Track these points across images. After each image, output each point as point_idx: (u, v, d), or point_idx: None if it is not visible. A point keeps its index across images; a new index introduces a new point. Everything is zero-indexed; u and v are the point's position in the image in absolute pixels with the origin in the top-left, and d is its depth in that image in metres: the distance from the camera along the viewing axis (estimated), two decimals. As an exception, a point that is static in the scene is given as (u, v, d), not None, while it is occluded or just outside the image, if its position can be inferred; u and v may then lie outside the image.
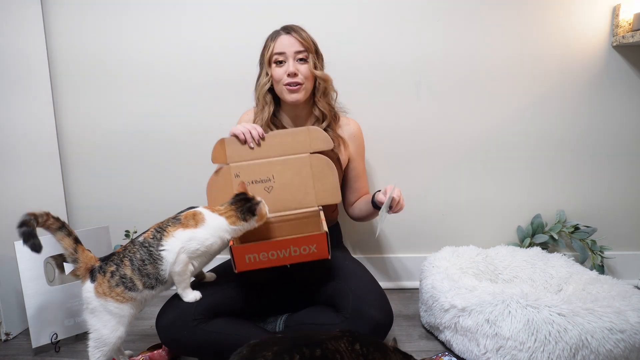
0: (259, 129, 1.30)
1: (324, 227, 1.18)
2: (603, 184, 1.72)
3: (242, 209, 1.18)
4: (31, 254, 1.40)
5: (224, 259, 1.47)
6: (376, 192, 1.36)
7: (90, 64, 1.76)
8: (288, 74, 1.33)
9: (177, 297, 1.22)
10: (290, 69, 1.33)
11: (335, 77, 1.43)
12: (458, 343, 1.30)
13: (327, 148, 1.32)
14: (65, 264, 1.49)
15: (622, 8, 1.56)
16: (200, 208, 1.20)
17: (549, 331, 1.11)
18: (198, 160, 1.34)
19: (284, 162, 1.30)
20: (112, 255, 1.14)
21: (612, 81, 1.64)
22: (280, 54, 1.34)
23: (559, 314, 1.13)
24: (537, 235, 1.71)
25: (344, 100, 1.52)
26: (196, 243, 1.14)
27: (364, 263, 1.43)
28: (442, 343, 1.39)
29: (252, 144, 1.29)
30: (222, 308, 1.22)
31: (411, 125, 1.71)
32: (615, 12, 1.59)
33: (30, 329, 1.40)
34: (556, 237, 1.68)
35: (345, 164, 1.47)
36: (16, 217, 1.36)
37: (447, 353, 1.32)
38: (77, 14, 1.73)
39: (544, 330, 1.11)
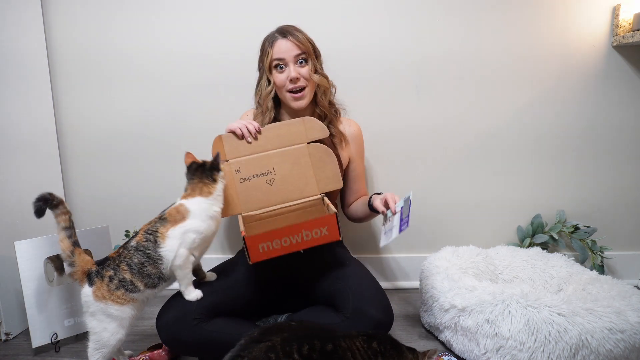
0: (255, 124, 1.31)
1: (332, 209, 1.20)
2: (603, 184, 1.72)
3: (205, 174, 1.19)
4: (31, 254, 1.42)
5: (224, 259, 1.48)
6: (374, 194, 1.36)
7: (91, 61, 1.75)
8: (290, 80, 1.34)
9: (177, 296, 1.22)
10: (292, 75, 1.33)
11: (333, 76, 1.44)
12: (458, 343, 1.30)
13: (323, 136, 1.34)
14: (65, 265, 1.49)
15: (622, 8, 1.56)
16: (178, 200, 1.20)
17: (549, 331, 1.11)
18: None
19: (282, 153, 1.31)
20: (107, 260, 1.14)
21: (612, 81, 1.64)
22: (280, 59, 1.34)
23: (559, 314, 1.13)
24: (537, 235, 1.71)
25: (342, 100, 1.52)
26: (192, 234, 1.14)
27: (364, 263, 1.43)
28: (442, 343, 1.39)
29: (249, 139, 1.30)
30: (223, 307, 1.22)
31: (411, 125, 1.71)
32: (615, 12, 1.59)
33: (30, 329, 1.39)
34: (556, 237, 1.68)
35: (346, 163, 1.47)
36: (16, 217, 1.35)
37: (447, 353, 1.32)
38: (77, 10, 1.72)
39: (544, 330, 1.11)
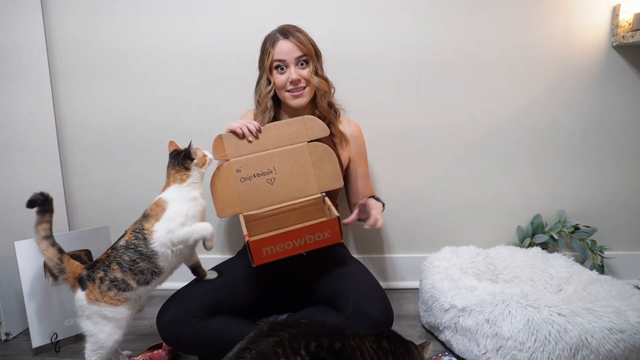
0: (255, 123, 1.31)
1: (335, 212, 1.21)
2: (603, 184, 1.72)
3: (178, 162, 1.21)
4: (31, 253, 1.42)
5: (224, 259, 1.48)
6: (369, 198, 1.38)
7: (91, 59, 1.75)
8: (291, 81, 1.34)
9: (178, 295, 1.23)
10: (292, 76, 1.33)
11: (333, 75, 1.44)
12: (458, 343, 1.30)
13: (323, 135, 1.34)
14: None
15: (622, 8, 1.56)
16: (159, 195, 1.20)
17: (549, 331, 1.11)
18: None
19: (283, 152, 1.31)
20: (97, 262, 1.14)
21: (612, 81, 1.64)
22: (281, 60, 1.34)
23: (559, 314, 1.13)
24: (537, 235, 1.71)
25: (342, 100, 1.51)
26: (178, 217, 1.14)
27: (364, 263, 1.44)
28: (442, 343, 1.39)
29: (250, 138, 1.30)
30: (223, 306, 1.22)
31: (410, 125, 1.71)
32: (615, 12, 1.59)
33: (30, 329, 1.40)
34: (556, 237, 1.68)
35: (346, 163, 1.47)
36: (16, 217, 1.35)
37: (447, 353, 1.32)
38: (77, 7, 1.71)
39: (544, 330, 1.11)
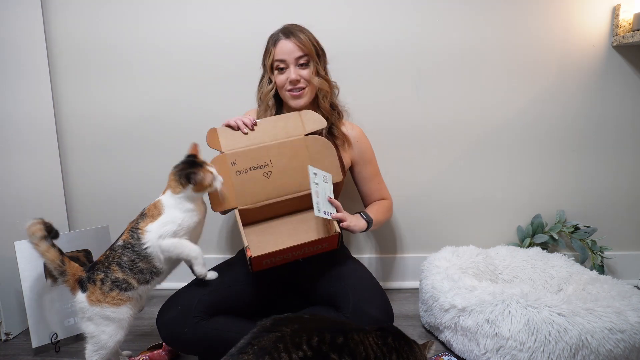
0: (251, 117, 1.30)
1: (337, 227, 1.20)
2: (603, 184, 1.72)
3: (180, 173, 1.15)
4: (31, 254, 1.41)
5: (224, 259, 1.48)
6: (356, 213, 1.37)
7: (91, 55, 1.73)
8: (290, 81, 1.33)
9: (178, 294, 1.23)
10: (292, 77, 1.33)
11: (333, 74, 1.44)
12: (458, 343, 1.30)
13: (321, 127, 1.33)
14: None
15: (622, 8, 1.56)
16: (159, 197, 1.19)
17: (549, 331, 1.11)
18: (201, 155, 1.34)
19: (280, 145, 1.28)
20: (96, 264, 1.14)
21: (612, 81, 1.64)
22: (281, 60, 1.33)
23: (559, 314, 1.13)
24: (537, 235, 1.71)
25: (343, 97, 1.51)
26: (171, 225, 1.13)
27: (364, 263, 1.44)
28: (442, 343, 1.39)
29: (245, 130, 1.29)
30: (223, 306, 1.22)
31: (410, 125, 1.71)
32: (615, 12, 1.59)
33: (30, 329, 1.39)
34: (556, 237, 1.68)
35: (348, 165, 1.47)
36: (16, 217, 1.35)
37: (447, 353, 1.32)
38: (77, 3, 1.70)
39: (544, 330, 1.11)
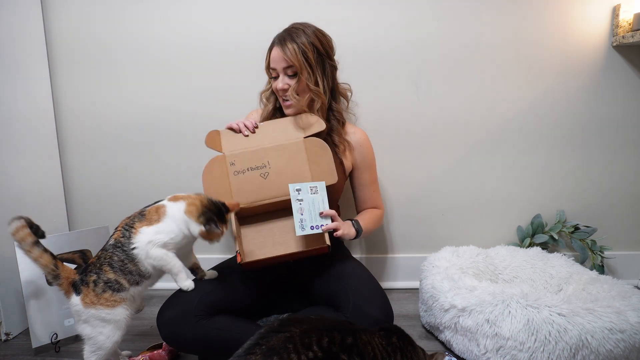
0: (252, 120, 1.33)
1: (327, 240, 1.22)
2: (603, 184, 1.72)
3: (207, 212, 1.13)
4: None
5: (224, 258, 1.48)
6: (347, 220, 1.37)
7: (91, 54, 1.73)
8: (277, 90, 1.35)
9: (178, 293, 1.22)
10: (278, 85, 1.34)
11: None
12: (458, 343, 1.30)
13: (320, 129, 1.34)
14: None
15: (622, 8, 1.56)
16: (164, 201, 1.19)
17: (549, 331, 1.11)
18: (203, 155, 1.34)
19: (279, 147, 1.31)
20: (89, 266, 1.14)
21: (612, 81, 1.64)
22: (272, 68, 1.34)
23: (559, 314, 1.13)
24: (537, 235, 1.71)
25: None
26: (163, 236, 1.12)
27: (364, 263, 1.44)
28: (442, 343, 1.39)
29: (246, 132, 1.32)
30: (224, 305, 1.22)
31: (410, 125, 1.71)
32: (615, 12, 1.59)
33: (30, 329, 1.40)
34: (556, 237, 1.68)
35: (349, 170, 1.47)
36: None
37: (447, 353, 1.32)
38: (76, 0, 1.70)
39: (544, 330, 1.11)
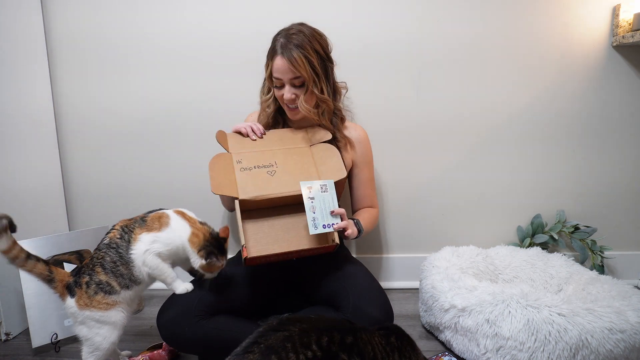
0: (260, 126, 1.35)
1: (336, 237, 1.21)
2: (603, 184, 1.72)
3: (208, 247, 1.15)
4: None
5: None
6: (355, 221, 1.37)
7: (91, 50, 1.71)
8: (285, 99, 1.33)
9: (178, 294, 1.22)
10: (286, 96, 1.32)
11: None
12: (458, 343, 1.30)
13: (326, 139, 1.36)
14: (66, 264, 1.49)
15: (622, 8, 1.56)
16: (168, 211, 1.18)
17: (549, 331, 1.11)
18: (205, 155, 1.34)
19: (285, 151, 1.33)
20: (82, 267, 1.13)
21: (612, 81, 1.64)
22: (277, 78, 1.32)
23: (559, 314, 1.13)
24: (537, 235, 1.71)
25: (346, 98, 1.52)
26: (159, 245, 1.13)
27: (364, 263, 1.43)
28: (442, 343, 1.39)
29: (254, 137, 1.34)
30: (223, 306, 1.22)
31: (409, 125, 1.71)
32: (615, 12, 1.59)
33: (30, 329, 1.40)
34: (556, 237, 1.68)
35: (349, 166, 1.47)
36: (16, 217, 1.34)
37: (447, 353, 1.32)
38: None
39: (544, 330, 1.11)
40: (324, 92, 1.34)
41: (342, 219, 1.24)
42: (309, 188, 1.22)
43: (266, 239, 1.26)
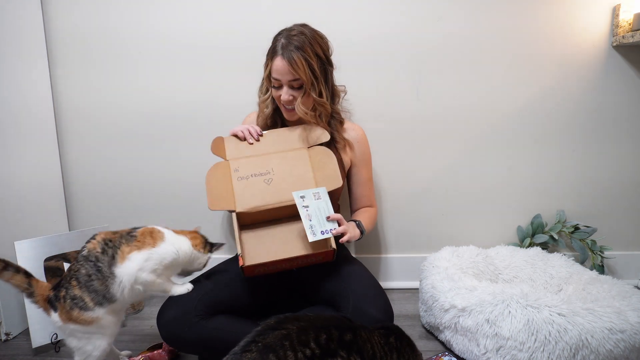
0: (257, 128, 1.35)
1: (333, 243, 1.20)
2: (603, 184, 1.72)
3: (206, 240, 1.22)
4: (31, 254, 1.42)
5: (225, 257, 1.47)
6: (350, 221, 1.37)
7: (92, 46, 1.70)
8: (282, 101, 1.33)
9: None
10: (283, 98, 1.32)
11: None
12: (458, 343, 1.30)
13: (324, 140, 1.36)
14: (65, 263, 1.49)
15: (622, 8, 1.56)
16: (158, 227, 1.17)
17: (549, 331, 1.11)
18: (207, 154, 1.34)
19: (282, 155, 1.32)
20: (62, 279, 1.10)
21: (612, 81, 1.64)
22: (275, 79, 1.31)
23: (559, 314, 1.13)
24: (537, 235, 1.71)
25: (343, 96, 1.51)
26: (153, 263, 1.09)
27: (364, 263, 1.43)
28: (442, 343, 1.39)
29: (251, 140, 1.33)
30: (223, 306, 1.23)
31: (408, 125, 1.71)
32: (615, 12, 1.59)
33: (30, 329, 1.39)
34: (556, 237, 1.68)
35: (348, 166, 1.47)
36: (16, 217, 1.34)
37: (447, 353, 1.32)
38: None
39: (544, 330, 1.11)
40: (322, 96, 1.33)
41: (339, 224, 1.24)
42: (301, 197, 1.22)
43: (263, 247, 1.26)
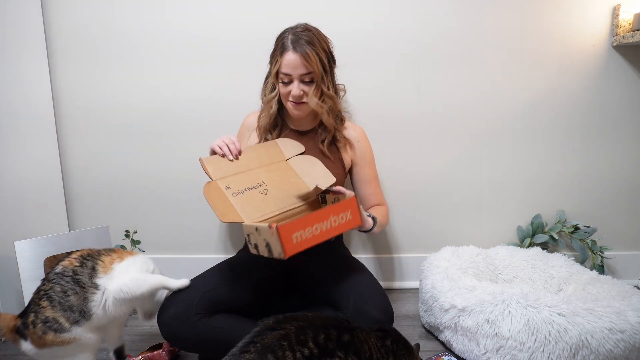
0: (237, 144, 1.30)
1: (351, 192, 1.22)
2: (603, 184, 1.72)
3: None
4: (31, 254, 1.42)
5: (225, 258, 1.48)
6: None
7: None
8: (292, 96, 1.33)
9: (178, 292, 1.22)
10: (294, 92, 1.31)
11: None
12: (458, 343, 1.30)
13: (299, 152, 1.37)
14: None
15: (622, 8, 1.56)
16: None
17: (549, 331, 1.11)
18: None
19: (267, 169, 1.31)
20: (29, 305, 1.05)
21: (612, 81, 1.64)
22: (286, 74, 1.31)
23: (559, 314, 1.13)
24: (537, 235, 1.71)
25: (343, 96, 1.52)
26: (140, 264, 1.13)
27: (365, 263, 1.43)
28: (442, 343, 1.39)
29: (230, 157, 1.28)
30: (223, 304, 1.23)
31: (408, 125, 1.71)
32: (615, 12, 1.59)
33: (30, 329, 1.39)
34: (556, 237, 1.69)
35: (348, 165, 1.47)
36: (16, 217, 1.34)
37: (447, 353, 1.32)
38: None
39: (544, 330, 1.11)
40: (330, 90, 1.36)
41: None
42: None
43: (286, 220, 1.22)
